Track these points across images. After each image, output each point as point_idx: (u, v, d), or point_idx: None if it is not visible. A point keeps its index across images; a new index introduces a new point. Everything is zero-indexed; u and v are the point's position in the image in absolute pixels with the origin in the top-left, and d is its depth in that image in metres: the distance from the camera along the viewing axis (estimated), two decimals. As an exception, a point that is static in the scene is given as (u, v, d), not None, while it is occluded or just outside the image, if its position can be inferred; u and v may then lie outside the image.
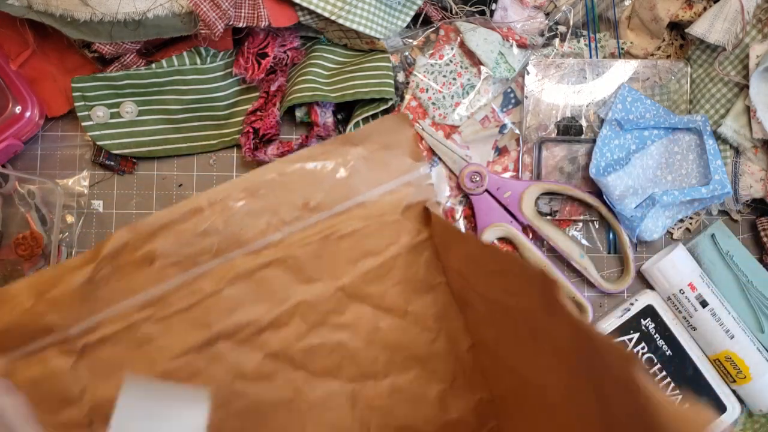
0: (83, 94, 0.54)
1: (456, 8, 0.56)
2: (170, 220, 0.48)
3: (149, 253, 0.48)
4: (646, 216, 0.53)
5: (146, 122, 0.55)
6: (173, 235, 0.48)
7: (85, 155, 0.57)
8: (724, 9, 0.52)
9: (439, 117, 0.56)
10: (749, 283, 0.54)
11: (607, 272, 0.57)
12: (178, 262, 0.49)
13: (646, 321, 0.55)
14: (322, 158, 0.51)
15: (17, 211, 0.55)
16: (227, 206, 0.49)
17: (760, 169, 0.55)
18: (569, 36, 0.57)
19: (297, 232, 0.50)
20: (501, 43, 0.55)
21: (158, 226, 0.48)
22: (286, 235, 0.50)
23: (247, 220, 0.50)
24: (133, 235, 0.48)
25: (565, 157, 0.56)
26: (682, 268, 0.54)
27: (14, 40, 0.54)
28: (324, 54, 0.56)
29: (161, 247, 0.48)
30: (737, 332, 0.53)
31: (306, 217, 0.51)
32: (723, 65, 0.54)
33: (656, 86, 0.56)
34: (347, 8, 0.51)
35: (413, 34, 0.56)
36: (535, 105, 0.56)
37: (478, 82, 0.56)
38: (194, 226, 0.49)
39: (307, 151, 0.51)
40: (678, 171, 0.55)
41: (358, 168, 0.51)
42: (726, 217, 0.58)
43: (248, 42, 0.54)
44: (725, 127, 0.54)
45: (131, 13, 0.48)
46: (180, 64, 0.53)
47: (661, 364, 0.54)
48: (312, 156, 0.51)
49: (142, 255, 0.48)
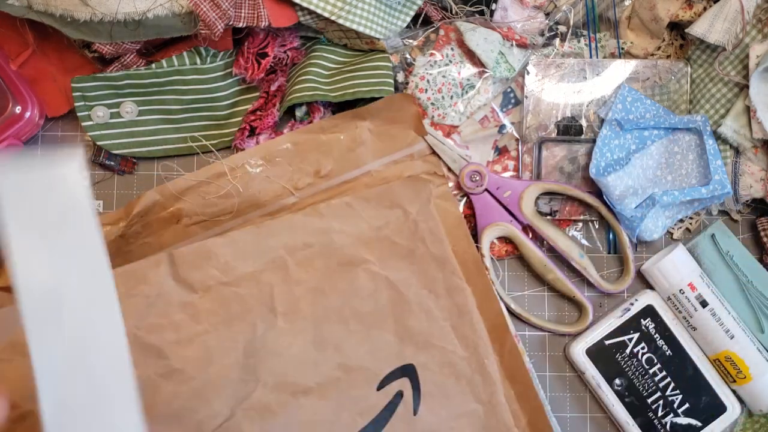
0: (83, 94, 0.54)
1: (456, 8, 0.56)
2: (196, 181, 0.53)
3: (176, 211, 0.53)
4: (646, 216, 0.53)
5: (146, 122, 0.55)
6: (198, 196, 0.53)
7: (85, 155, 0.57)
8: (724, 9, 0.52)
9: (438, 117, 0.56)
10: (749, 283, 0.54)
11: (607, 272, 0.57)
12: (201, 221, 0.53)
13: (646, 321, 0.55)
14: (333, 131, 0.55)
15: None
16: (246, 171, 0.54)
17: (760, 169, 0.55)
18: (569, 36, 0.57)
19: (309, 197, 0.54)
20: (501, 43, 0.55)
21: (185, 187, 0.53)
22: (298, 199, 0.54)
23: (264, 184, 0.54)
24: (162, 195, 0.53)
25: (565, 157, 0.56)
26: (682, 268, 0.54)
27: (14, 40, 0.54)
28: (324, 54, 0.56)
29: (187, 207, 0.53)
30: (737, 332, 0.53)
31: (317, 183, 0.55)
32: (723, 65, 0.54)
33: (656, 86, 0.56)
34: (347, 8, 0.51)
35: (413, 34, 0.56)
36: (535, 105, 0.56)
37: (477, 82, 0.56)
38: (217, 188, 0.54)
39: (319, 123, 0.55)
40: (678, 171, 0.55)
41: (365, 140, 0.55)
42: (726, 217, 0.58)
43: (248, 42, 0.54)
44: (725, 127, 0.54)
45: (131, 13, 0.48)
46: (180, 64, 0.53)
47: (661, 364, 0.54)
48: (324, 128, 0.55)
49: (169, 213, 0.53)
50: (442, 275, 0.52)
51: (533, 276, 0.57)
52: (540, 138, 0.56)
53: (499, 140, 0.57)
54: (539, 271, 0.55)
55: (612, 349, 0.54)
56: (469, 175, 0.55)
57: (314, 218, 0.51)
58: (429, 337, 0.51)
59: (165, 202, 0.53)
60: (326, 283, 0.51)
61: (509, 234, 0.55)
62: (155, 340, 0.48)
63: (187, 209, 0.53)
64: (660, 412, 0.54)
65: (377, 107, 0.54)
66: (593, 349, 0.54)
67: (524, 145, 0.56)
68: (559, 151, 0.56)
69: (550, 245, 0.55)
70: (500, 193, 0.55)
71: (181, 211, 0.53)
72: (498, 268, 0.57)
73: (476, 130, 0.56)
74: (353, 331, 0.50)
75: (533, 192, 0.55)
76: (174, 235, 0.53)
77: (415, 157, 0.56)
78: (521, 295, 0.57)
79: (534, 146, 0.56)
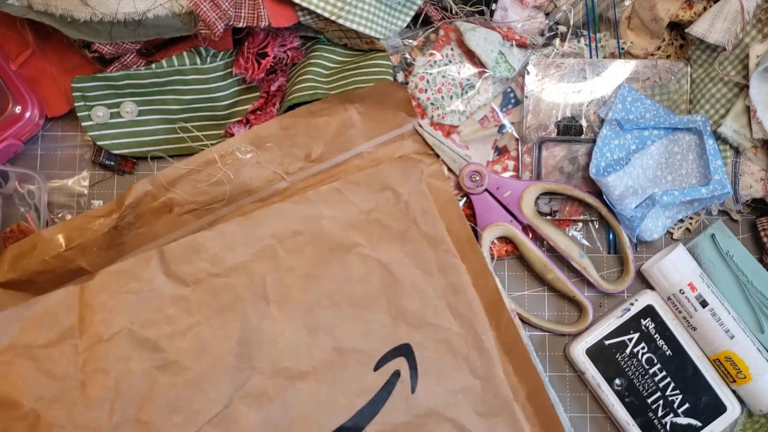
0: (83, 94, 0.54)
1: (456, 8, 0.56)
2: (186, 170, 0.53)
3: (168, 201, 0.53)
4: (646, 216, 0.53)
5: (146, 122, 0.55)
6: (189, 184, 0.53)
7: (85, 155, 0.57)
8: (724, 9, 0.52)
9: (438, 117, 0.56)
10: (749, 283, 0.54)
11: (607, 272, 0.57)
12: (194, 209, 0.53)
13: (646, 321, 0.55)
14: (322, 114, 0.54)
15: (17, 211, 0.55)
16: (236, 158, 0.53)
17: (760, 169, 0.55)
18: (569, 36, 0.57)
19: (300, 181, 0.54)
20: (501, 43, 0.55)
21: (176, 176, 0.53)
22: (290, 184, 0.54)
23: (255, 170, 0.54)
24: (153, 185, 0.52)
25: (565, 157, 0.56)
26: (682, 268, 0.54)
27: (14, 40, 0.54)
28: (324, 54, 0.56)
29: (178, 196, 0.53)
30: (737, 332, 0.53)
31: (308, 167, 0.54)
32: (723, 65, 0.54)
33: (656, 86, 0.56)
34: (347, 8, 0.51)
35: (413, 35, 0.56)
36: (535, 105, 0.56)
37: (477, 82, 0.56)
38: (208, 176, 0.53)
39: (308, 107, 0.54)
40: (678, 171, 0.55)
41: (355, 122, 0.55)
42: (726, 217, 0.58)
43: (248, 42, 0.54)
44: (725, 127, 0.54)
45: (131, 13, 0.48)
46: (180, 64, 0.53)
47: (661, 364, 0.54)
48: (313, 112, 0.54)
49: (161, 203, 0.53)
50: (434, 254, 0.52)
51: (533, 276, 0.57)
52: (540, 138, 0.56)
53: (499, 140, 0.57)
54: (539, 271, 0.55)
55: (612, 349, 0.54)
56: (469, 175, 0.55)
57: (303, 205, 0.52)
58: (423, 316, 0.51)
59: (156, 192, 0.52)
60: (317, 269, 0.51)
61: (509, 234, 0.55)
62: (150, 334, 0.49)
63: (179, 198, 0.53)
64: (660, 412, 0.54)
65: (365, 92, 0.54)
66: (593, 349, 0.54)
67: (524, 145, 0.56)
68: (559, 151, 0.56)
69: (550, 245, 0.55)
70: (500, 193, 0.55)
71: (172, 201, 0.53)
72: (498, 268, 0.57)
73: (476, 130, 0.56)
74: (346, 315, 0.51)
75: (533, 192, 0.55)
76: (166, 225, 0.53)
77: (405, 137, 0.56)
78: (521, 295, 0.57)
79: (534, 146, 0.56)
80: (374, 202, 0.53)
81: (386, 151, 0.55)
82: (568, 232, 0.57)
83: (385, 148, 0.55)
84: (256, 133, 0.54)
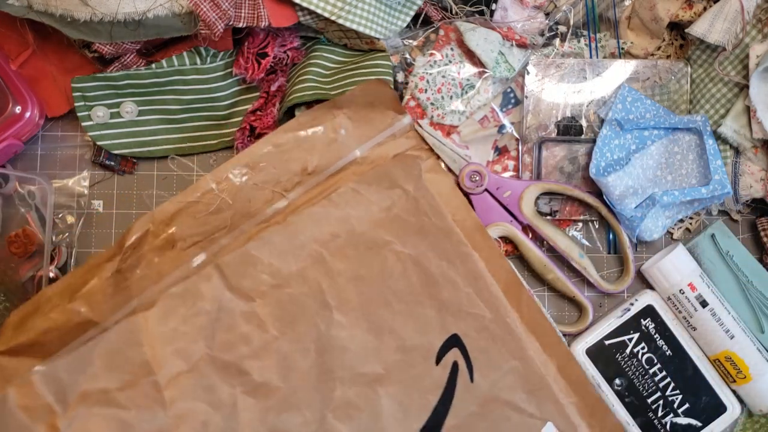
0: (83, 94, 0.54)
1: (456, 8, 0.56)
2: (184, 203, 0.51)
3: (169, 237, 0.51)
4: (646, 216, 0.53)
5: (146, 122, 0.55)
6: (189, 217, 0.51)
7: (85, 155, 0.57)
8: (724, 9, 0.52)
9: (438, 117, 0.56)
10: (749, 283, 0.54)
11: (607, 272, 0.57)
12: (197, 242, 0.51)
13: (646, 321, 0.55)
14: (312, 124, 0.53)
15: (17, 212, 0.55)
16: (232, 183, 0.52)
17: (760, 169, 0.55)
18: (569, 36, 0.57)
19: (300, 197, 0.53)
20: (501, 43, 0.55)
21: (174, 211, 0.51)
22: (290, 200, 0.53)
23: (252, 192, 0.52)
24: (152, 223, 0.51)
25: (565, 157, 0.56)
26: (682, 268, 0.54)
27: (14, 40, 0.54)
28: (324, 54, 0.56)
29: (180, 230, 0.51)
30: (737, 332, 0.53)
31: (306, 181, 0.53)
32: (723, 65, 0.55)
33: (656, 86, 0.56)
34: (347, 8, 0.51)
35: (413, 35, 0.56)
36: (535, 105, 0.56)
37: (477, 82, 0.56)
38: (206, 205, 0.52)
39: (296, 120, 0.53)
40: (678, 171, 0.55)
41: (346, 127, 0.54)
42: (726, 217, 0.58)
43: (248, 42, 0.54)
44: (725, 127, 0.54)
45: (131, 13, 0.48)
46: (180, 64, 0.53)
47: (661, 364, 0.54)
48: (302, 124, 0.53)
49: (162, 240, 0.51)
50: (450, 245, 0.52)
51: (533, 276, 0.57)
52: (540, 138, 0.56)
53: (499, 140, 0.57)
54: (539, 271, 0.55)
55: (612, 349, 0.54)
56: (468, 175, 0.55)
57: (331, 208, 0.51)
58: (460, 306, 0.52)
59: (156, 229, 0.51)
60: (363, 269, 0.51)
61: (509, 234, 0.55)
62: (231, 357, 0.48)
63: (180, 233, 0.51)
64: (660, 412, 0.54)
65: (353, 95, 0.53)
66: (593, 349, 0.54)
67: (524, 145, 0.56)
68: (559, 151, 0.56)
69: (550, 245, 0.55)
70: (500, 193, 0.55)
71: (174, 236, 0.51)
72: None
73: (476, 130, 0.56)
74: (398, 312, 0.51)
75: (533, 192, 0.55)
76: (171, 262, 0.51)
77: (397, 135, 0.55)
78: (521, 295, 0.57)
79: (534, 146, 0.56)
80: (390, 199, 0.52)
81: (381, 152, 0.55)
82: (568, 232, 0.57)
83: (380, 149, 0.55)
84: (248, 154, 0.53)
